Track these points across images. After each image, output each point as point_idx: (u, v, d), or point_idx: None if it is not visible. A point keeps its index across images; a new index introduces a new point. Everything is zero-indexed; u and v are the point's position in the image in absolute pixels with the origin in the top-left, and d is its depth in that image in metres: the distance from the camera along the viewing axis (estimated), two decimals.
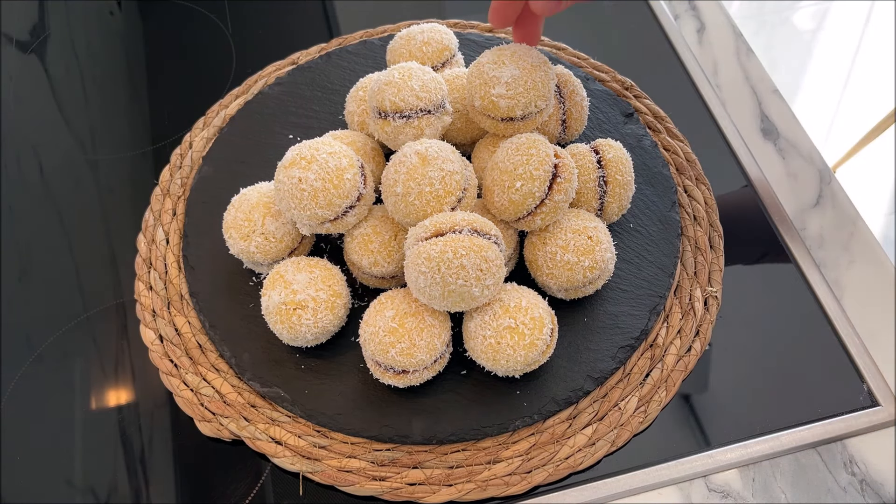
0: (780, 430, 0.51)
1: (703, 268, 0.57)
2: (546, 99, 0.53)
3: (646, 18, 0.76)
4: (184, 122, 0.69)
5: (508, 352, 0.48)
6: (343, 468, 0.49)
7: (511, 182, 0.50)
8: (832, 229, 0.60)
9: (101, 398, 0.55)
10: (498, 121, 0.53)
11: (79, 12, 0.81)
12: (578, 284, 0.52)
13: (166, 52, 0.77)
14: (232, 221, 0.54)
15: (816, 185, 0.63)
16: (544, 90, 0.52)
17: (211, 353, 0.55)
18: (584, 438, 0.50)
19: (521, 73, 0.51)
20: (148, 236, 0.61)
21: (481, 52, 0.69)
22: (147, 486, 0.51)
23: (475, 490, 0.48)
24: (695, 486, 0.50)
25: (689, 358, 0.54)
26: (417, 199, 0.50)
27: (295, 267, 0.52)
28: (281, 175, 0.51)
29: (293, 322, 0.50)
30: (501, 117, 0.53)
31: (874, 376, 0.53)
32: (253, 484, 0.51)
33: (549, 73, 0.52)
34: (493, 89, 0.51)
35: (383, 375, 0.50)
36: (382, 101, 0.54)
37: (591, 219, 0.53)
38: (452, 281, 0.46)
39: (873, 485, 0.49)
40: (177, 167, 0.65)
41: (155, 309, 0.57)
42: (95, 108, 0.73)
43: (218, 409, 0.52)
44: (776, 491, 0.49)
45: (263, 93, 0.68)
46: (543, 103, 0.53)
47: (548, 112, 0.54)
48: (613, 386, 0.52)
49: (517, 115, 0.52)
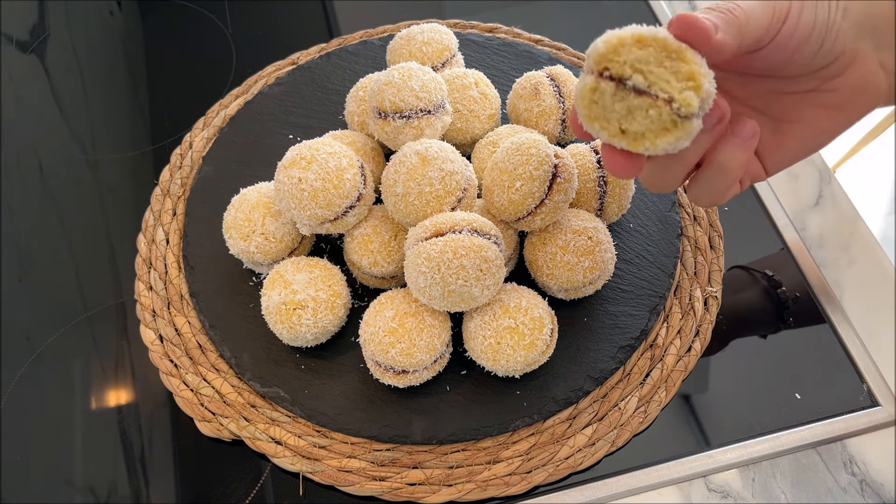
0: (780, 430, 0.51)
1: (703, 268, 0.57)
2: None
3: (646, 18, 0.76)
4: (184, 122, 0.69)
5: (508, 352, 0.48)
6: (343, 468, 0.49)
7: (511, 182, 0.50)
8: (832, 229, 0.60)
9: (101, 398, 0.55)
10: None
11: (79, 12, 0.81)
12: (578, 285, 0.52)
13: (166, 52, 0.77)
14: (232, 221, 0.54)
15: (816, 185, 0.63)
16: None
17: (211, 353, 0.55)
18: (584, 438, 0.50)
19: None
20: (148, 236, 0.61)
21: (481, 52, 0.69)
22: (147, 486, 0.51)
23: (475, 490, 0.48)
24: (695, 486, 0.50)
25: (689, 358, 0.53)
26: (417, 199, 0.50)
27: (295, 267, 0.52)
28: (281, 175, 0.51)
29: (293, 322, 0.50)
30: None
31: (874, 376, 0.53)
32: (253, 484, 0.50)
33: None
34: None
35: (383, 375, 0.50)
36: (382, 101, 0.54)
37: (591, 219, 0.53)
38: (452, 281, 0.46)
39: (873, 485, 0.49)
40: (177, 167, 0.65)
41: (155, 309, 0.57)
42: (95, 108, 0.73)
43: (218, 409, 0.52)
44: (776, 491, 0.49)
45: (263, 93, 0.68)
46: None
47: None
48: (613, 386, 0.52)
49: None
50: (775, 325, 0.56)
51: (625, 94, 0.34)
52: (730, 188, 0.38)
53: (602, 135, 0.36)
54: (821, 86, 0.39)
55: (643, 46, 0.34)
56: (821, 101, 0.39)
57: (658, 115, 0.34)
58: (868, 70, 0.38)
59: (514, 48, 0.70)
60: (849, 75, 0.38)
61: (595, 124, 0.35)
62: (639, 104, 0.34)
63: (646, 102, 0.34)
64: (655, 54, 0.34)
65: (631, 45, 0.34)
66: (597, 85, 0.35)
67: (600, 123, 0.35)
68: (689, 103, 0.33)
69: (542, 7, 0.79)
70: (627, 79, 0.34)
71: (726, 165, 0.37)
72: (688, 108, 0.34)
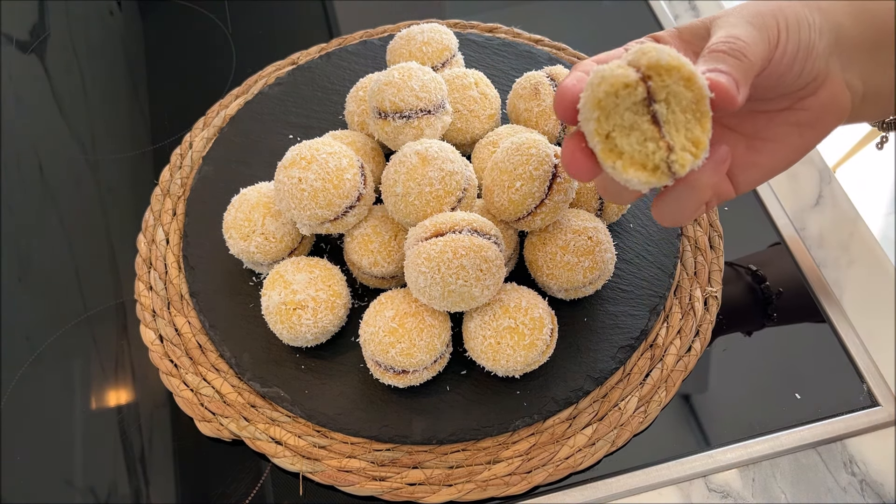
0: (780, 430, 0.51)
1: (703, 268, 0.57)
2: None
3: (646, 18, 0.76)
4: (184, 122, 0.69)
5: (508, 352, 0.48)
6: (343, 468, 0.49)
7: (511, 182, 0.50)
8: (832, 229, 0.60)
9: (101, 398, 0.55)
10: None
11: (79, 12, 0.81)
12: (578, 285, 0.52)
13: (166, 52, 0.77)
14: (232, 221, 0.54)
15: (816, 185, 0.63)
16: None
17: (211, 353, 0.55)
18: (584, 438, 0.50)
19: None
20: (148, 236, 0.61)
21: (481, 52, 0.69)
22: (147, 486, 0.51)
23: (475, 490, 0.48)
24: (695, 486, 0.50)
25: (689, 358, 0.53)
26: (417, 199, 0.50)
27: (295, 267, 0.52)
28: (281, 175, 0.51)
29: (293, 322, 0.50)
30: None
31: (874, 376, 0.53)
32: (253, 484, 0.50)
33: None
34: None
35: (383, 375, 0.50)
36: (382, 101, 0.54)
37: (591, 219, 0.53)
38: (452, 281, 0.46)
39: (873, 485, 0.49)
40: (177, 167, 0.65)
41: (155, 309, 0.57)
42: (95, 108, 0.73)
43: (218, 409, 0.52)
44: (776, 491, 0.49)
45: (263, 93, 0.68)
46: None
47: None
48: (613, 386, 0.52)
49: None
50: (761, 321, 0.56)
51: (641, 111, 0.34)
52: (696, 210, 0.38)
53: (589, 125, 0.34)
54: (794, 105, 0.39)
55: (687, 86, 0.33)
56: (793, 119, 0.40)
57: (651, 151, 0.34)
58: (837, 89, 0.39)
59: (514, 48, 0.70)
60: (820, 95, 0.39)
61: (596, 112, 0.34)
62: (644, 129, 0.34)
63: (651, 133, 0.34)
64: (689, 100, 0.33)
65: (682, 76, 0.33)
66: (635, 85, 0.33)
67: (600, 114, 0.34)
68: (683, 165, 0.33)
69: (542, 7, 0.79)
70: (656, 101, 0.33)
71: (695, 187, 0.36)
72: (679, 168, 0.33)
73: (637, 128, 0.34)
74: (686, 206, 0.37)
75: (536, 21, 0.76)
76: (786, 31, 0.36)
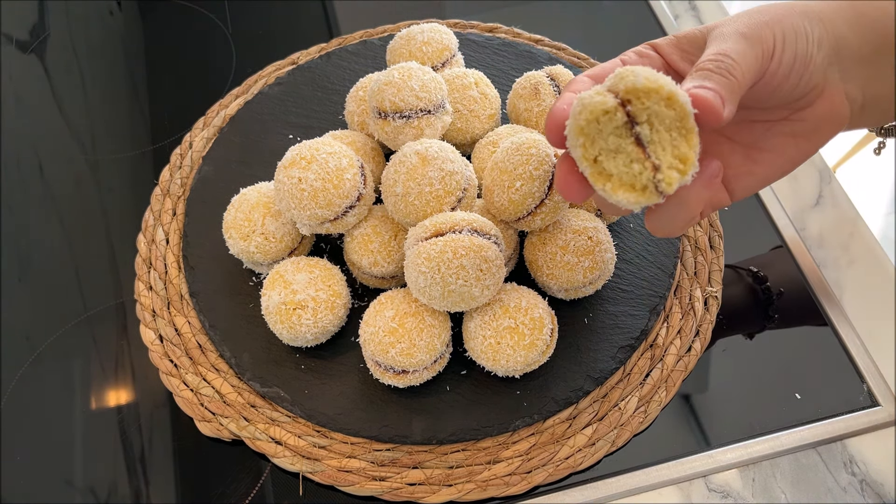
0: (780, 430, 0.51)
1: (703, 268, 0.57)
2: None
3: (646, 18, 0.76)
4: (184, 122, 0.69)
5: (508, 352, 0.48)
6: (343, 468, 0.49)
7: (511, 182, 0.50)
8: (832, 229, 0.60)
9: (101, 398, 0.55)
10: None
11: (79, 12, 0.81)
12: (578, 285, 0.52)
13: (166, 52, 0.77)
14: (232, 221, 0.54)
15: (816, 185, 0.63)
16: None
17: (211, 353, 0.55)
18: (584, 438, 0.50)
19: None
20: (148, 236, 0.61)
21: (481, 52, 0.69)
22: (147, 486, 0.51)
23: (475, 490, 0.48)
24: (695, 486, 0.50)
25: (689, 358, 0.53)
26: (417, 199, 0.50)
27: (295, 267, 0.52)
28: (281, 175, 0.51)
29: (293, 322, 0.50)
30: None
31: (874, 376, 0.53)
32: (253, 484, 0.50)
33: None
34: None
35: (383, 375, 0.50)
36: (382, 101, 0.54)
37: (591, 219, 0.53)
38: (452, 281, 0.46)
39: (873, 485, 0.49)
40: (177, 167, 0.65)
41: (155, 309, 0.57)
42: (95, 108, 0.73)
43: (218, 409, 0.52)
44: (776, 491, 0.49)
45: (263, 93, 0.68)
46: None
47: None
48: (613, 386, 0.52)
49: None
50: (761, 322, 0.56)
51: (625, 133, 0.34)
52: (688, 223, 0.38)
53: (577, 151, 0.35)
54: (791, 115, 0.40)
55: (669, 105, 0.34)
56: (790, 129, 0.40)
57: (637, 172, 0.34)
58: (836, 100, 0.39)
59: (514, 48, 0.70)
60: (818, 106, 0.39)
61: (580, 139, 0.35)
62: (629, 151, 0.34)
63: (636, 154, 0.34)
64: (672, 118, 0.34)
65: (662, 97, 0.33)
66: (614, 111, 0.34)
67: (585, 140, 0.35)
68: (670, 183, 0.34)
69: (542, 7, 0.79)
70: (638, 123, 0.34)
71: (687, 200, 0.36)
72: (666, 186, 0.34)
73: (622, 150, 0.34)
74: (677, 220, 0.38)
75: (536, 21, 0.76)
76: (782, 42, 0.37)
